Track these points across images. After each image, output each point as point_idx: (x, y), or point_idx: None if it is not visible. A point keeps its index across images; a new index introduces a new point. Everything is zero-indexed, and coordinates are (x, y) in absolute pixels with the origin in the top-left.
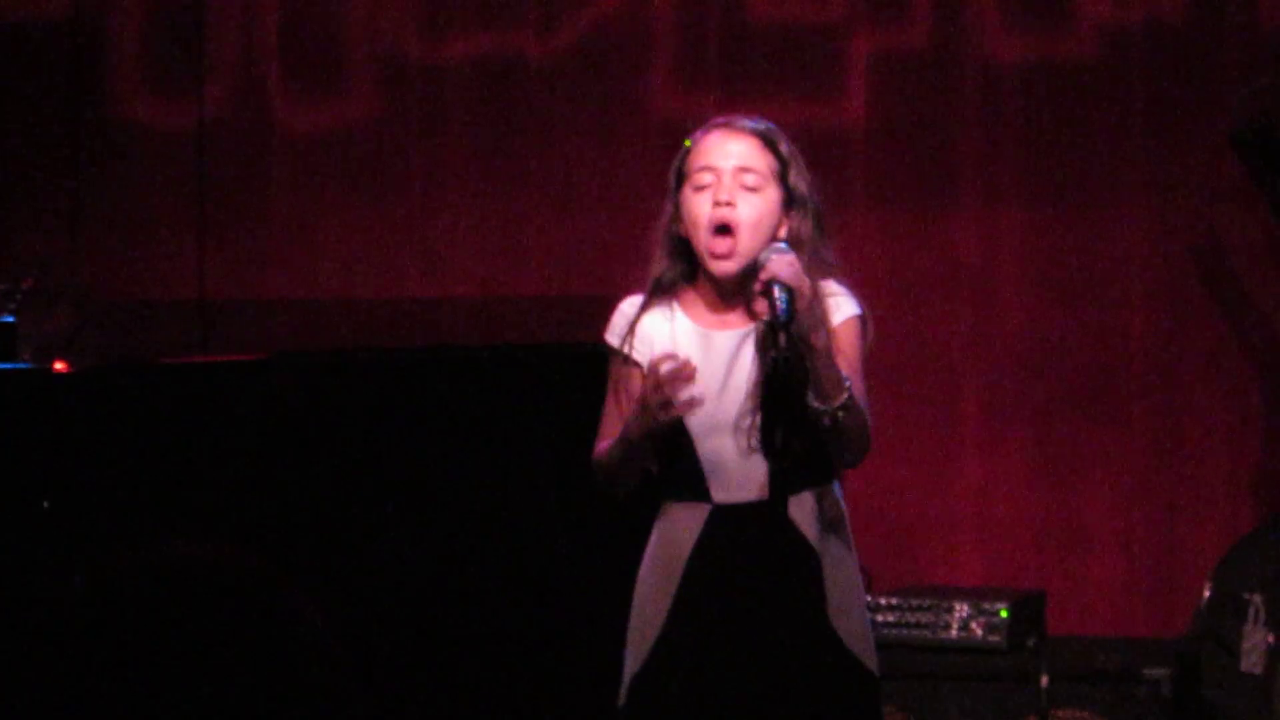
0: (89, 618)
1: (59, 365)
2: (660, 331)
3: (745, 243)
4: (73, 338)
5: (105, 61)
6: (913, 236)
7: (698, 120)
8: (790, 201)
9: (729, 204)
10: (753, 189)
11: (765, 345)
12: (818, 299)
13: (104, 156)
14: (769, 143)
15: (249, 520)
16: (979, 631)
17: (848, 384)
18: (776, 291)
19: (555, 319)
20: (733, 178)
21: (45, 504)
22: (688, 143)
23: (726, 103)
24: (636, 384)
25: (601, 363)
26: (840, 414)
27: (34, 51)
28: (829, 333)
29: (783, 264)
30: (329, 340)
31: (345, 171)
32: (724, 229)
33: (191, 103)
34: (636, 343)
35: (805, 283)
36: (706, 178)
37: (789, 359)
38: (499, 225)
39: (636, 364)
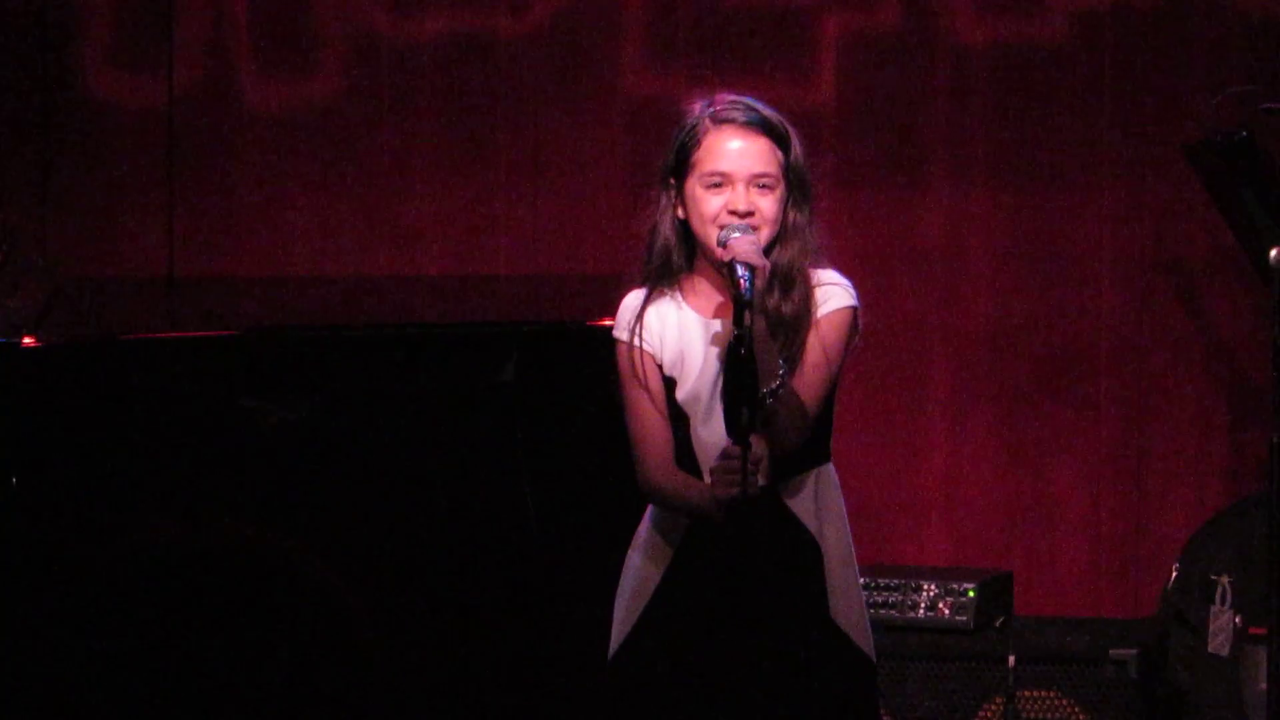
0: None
1: (27, 340)
2: (666, 321)
3: (765, 242)
4: (42, 313)
5: (76, 39)
6: (881, 218)
7: (667, 99)
8: (792, 191)
9: (749, 213)
10: (767, 188)
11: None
12: (807, 287)
13: (74, 133)
14: (779, 140)
15: (220, 496)
16: (946, 611)
17: (782, 372)
18: (740, 270)
19: (525, 296)
20: (748, 185)
21: (13, 480)
22: (687, 128)
23: (696, 82)
24: (653, 370)
25: (572, 339)
26: (768, 400)
27: (4, 29)
28: (810, 322)
29: (744, 243)
30: (298, 318)
31: (315, 149)
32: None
33: (161, 80)
34: (645, 333)
35: (765, 263)
36: (719, 180)
37: (750, 337)
38: (468, 203)
39: (648, 353)
